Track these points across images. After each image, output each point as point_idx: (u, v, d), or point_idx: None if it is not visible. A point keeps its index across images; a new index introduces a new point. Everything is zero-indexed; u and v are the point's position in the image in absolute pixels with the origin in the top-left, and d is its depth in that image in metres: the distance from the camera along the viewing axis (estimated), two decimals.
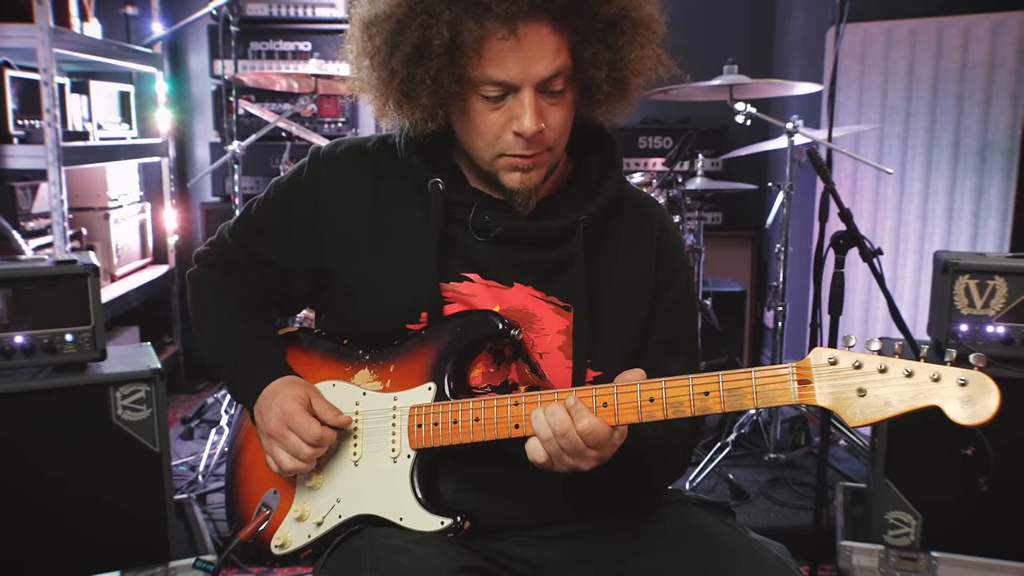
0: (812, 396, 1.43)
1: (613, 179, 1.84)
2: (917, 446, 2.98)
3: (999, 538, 2.95)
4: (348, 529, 1.73)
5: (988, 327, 2.93)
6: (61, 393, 2.72)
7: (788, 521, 3.65)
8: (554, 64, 1.61)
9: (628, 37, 1.66)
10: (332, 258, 1.84)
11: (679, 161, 4.33)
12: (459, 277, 1.78)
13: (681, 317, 1.90)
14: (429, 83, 1.63)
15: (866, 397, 1.39)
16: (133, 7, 5.48)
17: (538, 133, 1.64)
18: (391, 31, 1.63)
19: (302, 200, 1.87)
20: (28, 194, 4.09)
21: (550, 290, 1.79)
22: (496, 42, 1.57)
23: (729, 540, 1.72)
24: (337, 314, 1.91)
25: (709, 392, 1.49)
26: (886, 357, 1.39)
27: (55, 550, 2.75)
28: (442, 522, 1.66)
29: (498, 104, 1.65)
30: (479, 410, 1.64)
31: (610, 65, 1.67)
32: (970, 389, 1.35)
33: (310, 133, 4.50)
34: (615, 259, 1.84)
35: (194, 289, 2.01)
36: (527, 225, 1.78)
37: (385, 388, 1.78)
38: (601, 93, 1.71)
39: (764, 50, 6.05)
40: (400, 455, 1.72)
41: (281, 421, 1.72)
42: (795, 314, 4.95)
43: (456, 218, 1.78)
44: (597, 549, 1.75)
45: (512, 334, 1.70)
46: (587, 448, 1.50)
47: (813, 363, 1.43)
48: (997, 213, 4.75)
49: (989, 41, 4.64)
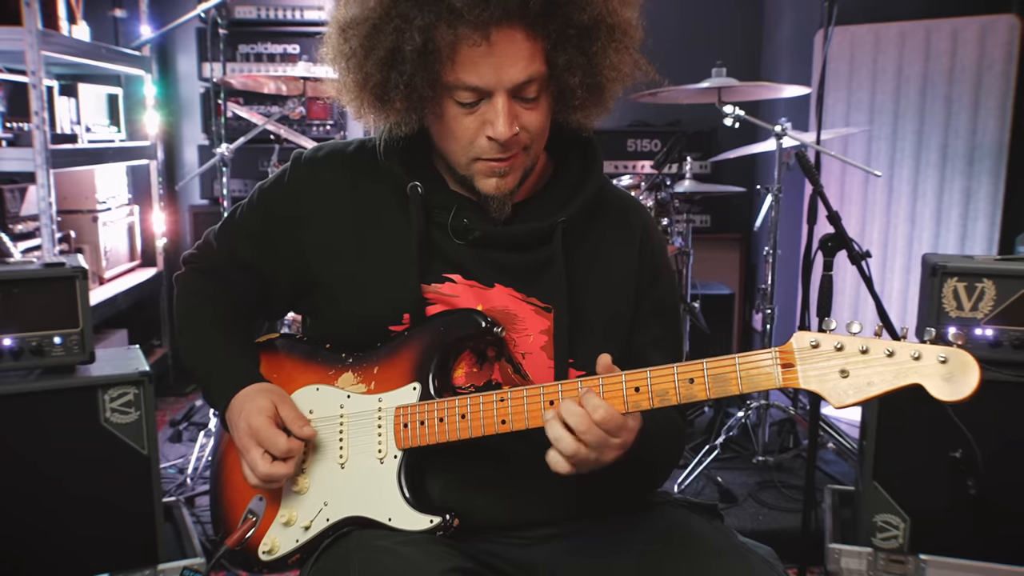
0: (796, 379, 1.44)
1: (593, 180, 1.85)
2: (905, 449, 2.99)
3: (987, 541, 2.96)
4: (337, 532, 1.73)
5: (976, 330, 2.94)
6: (49, 396, 2.72)
7: (776, 524, 3.66)
8: (528, 70, 1.62)
9: (603, 43, 1.66)
10: (314, 262, 1.84)
11: (667, 164, 4.33)
12: (440, 278, 1.79)
13: (665, 317, 1.92)
14: (403, 87, 1.64)
15: (849, 378, 1.40)
16: (121, 10, 5.47)
17: (512, 137, 1.65)
18: (366, 34, 1.64)
19: (284, 205, 1.88)
20: (16, 197, 4.07)
21: (531, 291, 1.79)
22: (469, 48, 1.58)
23: (716, 542, 1.72)
24: (321, 318, 1.92)
25: (694, 379, 1.50)
26: (867, 338, 1.41)
27: (43, 552, 2.74)
28: (431, 520, 1.66)
29: (472, 109, 1.65)
30: (464, 407, 1.65)
31: (584, 71, 1.67)
32: (950, 366, 1.36)
33: (298, 136, 4.50)
34: (596, 260, 1.85)
35: (178, 292, 2.03)
36: (506, 228, 1.79)
37: (370, 390, 1.78)
38: (576, 99, 1.71)
39: (752, 53, 6.06)
40: (387, 456, 1.72)
41: (248, 435, 1.73)
42: (783, 317, 4.96)
43: (436, 221, 1.79)
44: (584, 550, 1.75)
45: (495, 332, 1.70)
46: (609, 437, 1.51)
47: (796, 346, 1.44)
48: (985, 215, 4.77)
49: (977, 43, 4.66)
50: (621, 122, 5.74)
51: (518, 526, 1.79)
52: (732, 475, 4.05)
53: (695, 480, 3.90)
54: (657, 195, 4.29)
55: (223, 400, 1.83)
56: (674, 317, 1.97)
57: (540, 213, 1.81)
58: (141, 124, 5.47)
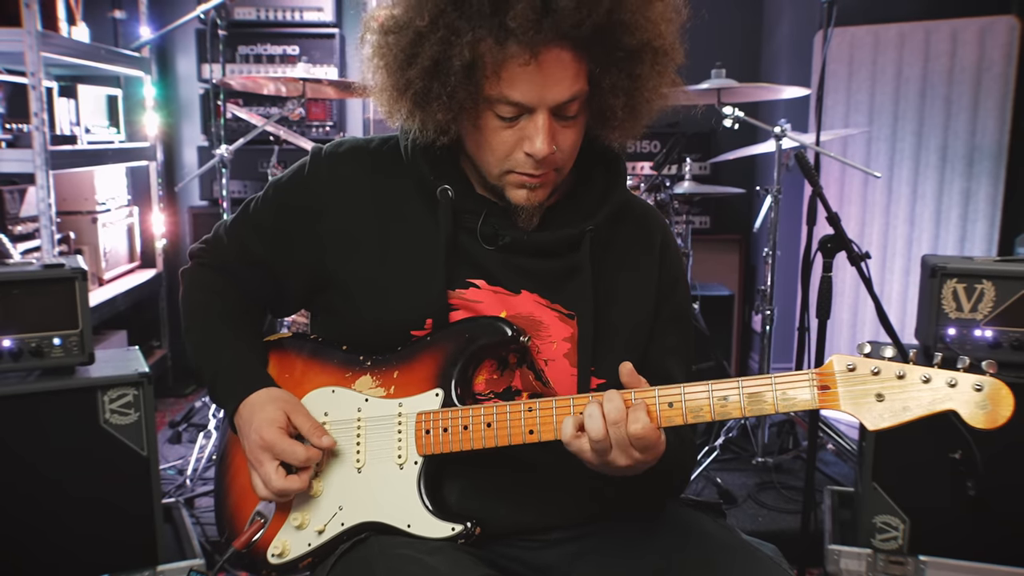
0: (835, 402, 1.45)
1: (619, 189, 1.84)
2: (905, 450, 2.99)
3: (987, 542, 2.96)
4: (352, 537, 1.71)
5: (976, 331, 2.94)
6: (49, 397, 2.72)
7: (776, 525, 3.66)
8: (572, 89, 1.61)
9: (648, 66, 1.65)
10: (332, 259, 1.82)
11: (667, 165, 4.33)
12: (465, 284, 1.77)
13: (681, 324, 1.91)
14: (444, 98, 1.62)
15: (884, 402, 1.42)
16: (121, 11, 5.47)
17: (549, 155, 1.64)
18: (410, 41, 1.61)
19: (303, 200, 1.85)
20: (16, 198, 4.07)
21: (556, 298, 1.78)
22: (517, 66, 1.56)
23: (725, 540, 1.72)
24: (334, 317, 1.89)
25: (729, 398, 1.50)
26: (903, 364, 1.42)
27: (43, 553, 2.75)
28: (452, 528, 1.65)
29: (512, 123, 1.64)
30: (491, 416, 1.63)
31: (628, 93, 1.66)
32: (985, 394, 1.39)
33: (298, 137, 4.50)
34: (620, 268, 1.84)
35: (185, 288, 1.99)
36: (536, 235, 1.77)
37: (389, 394, 1.76)
38: (615, 120, 1.71)
39: (752, 54, 6.06)
40: (407, 462, 1.70)
41: (261, 448, 1.72)
42: (783, 318, 4.96)
43: (464, 225, 1.77)
44: (600, 551, 1.75)
45: (521, 340, 1.70)
46: (630, 447, 1.49)
47: (836, 369, 1.45)
48: (985, 217, 4.77)
49: (977, 45, 4.66)
50: None
51: (535, 530, 1.78)
52: (732, 476, 4.05)
53: (695, 481, 3.90)
54: (656, 196, 4.30)
55: (230, 402, 1.81)
56: (689, 324, 1.96)
57: (569, 220, 1.79)
58: (140, 125, 5.47)
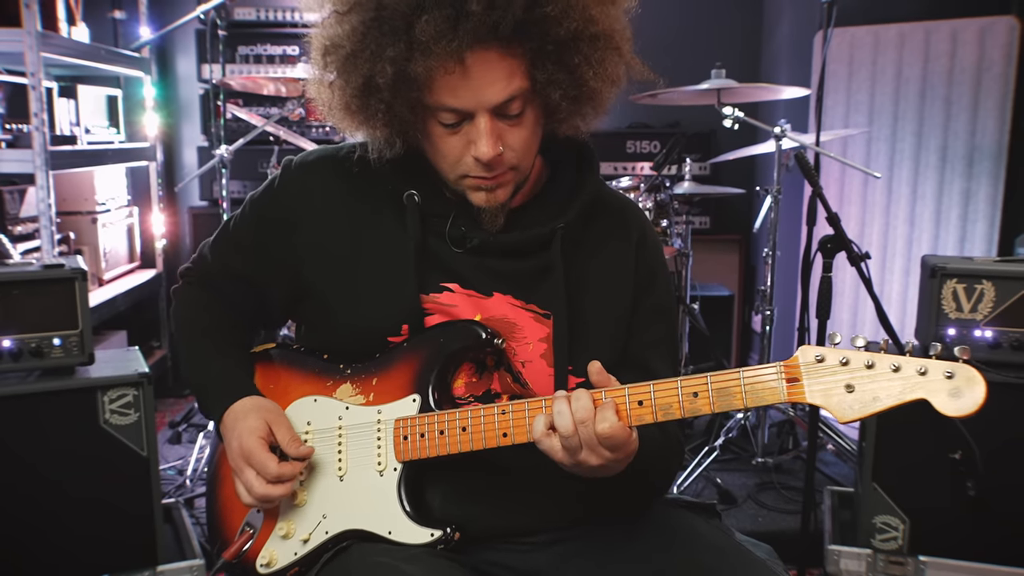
0: (801, 394, 1.43)
1: (589, 185, 1.83)
2: (905, 450, 2.99)
3: (987, 542, 2.95)
4: (336, 545, 1.72)
5: (976, 331, 2.93)
6: (49, 397, 2.71)
7: (776, 525, 3.66)
8: (508, 89, 1.59)
9: (585, 54, 1.62)
10: (309, 270, 1.83)
11: (667, 165, 4.33)
12: (439, 288, 1.77)
13: (662, 318, 1.90)
14: (381, 114, 1.63)
15: (854, 393, 1.40)
16: (121, 11, 5.47)
17: (497, 156, 1.63)
18: (343, 61, 1.63)
19: (277, 212, 1.87)
20: (16, 198, 4.07)
21: (529, 298, 1.78)
22: (444, 75, 1.55)
23: (716, 541, 1.72)
24: (315, 327, 1.91)
25: (698, 393, 1.49)
26: (872, 353, 1.41)
27: (43, 553, 2.74)
28: (432, 534, 1.65)
29: (456, 129, 1.64)
30: (465, 420, 1.64)
31: (567, 85, 1.64)
32: (956, 381, 1.36)
33: (298, 137, 4.50)
34: (593, 264, 1.83)
35: (175, 306, 2.04)
36: (505, 236, 1.77)
37: (368, 402, 1.77)
38: (561, 112, 1.69)
39: (752, 54, 6.06)
40: (386, 468, 1.71)
41: (240, 456, 1.73)
42: (783, 318, 4.95)
43: (433, 229, 1.77)
44: (586, 553, 1.75)
45: (495, 343, 1.70)
46: (599, 446, 1.48)
47: (801, 361, 1.44)
48: (985, 217, 4.76)
49: (977, 45, 4.65)
50: (620, 123, 5.74)
51: (519, 533, 1.78)
52: (731, 476, 4.05)
53: (694, 481, 3.90)
54: (656, 196, 4.29)
55: (216, 411, 1.83)
56: (671, 318, 1.95)
57: (538, 219, 1.79)
58: (140, 125, 5.47)
